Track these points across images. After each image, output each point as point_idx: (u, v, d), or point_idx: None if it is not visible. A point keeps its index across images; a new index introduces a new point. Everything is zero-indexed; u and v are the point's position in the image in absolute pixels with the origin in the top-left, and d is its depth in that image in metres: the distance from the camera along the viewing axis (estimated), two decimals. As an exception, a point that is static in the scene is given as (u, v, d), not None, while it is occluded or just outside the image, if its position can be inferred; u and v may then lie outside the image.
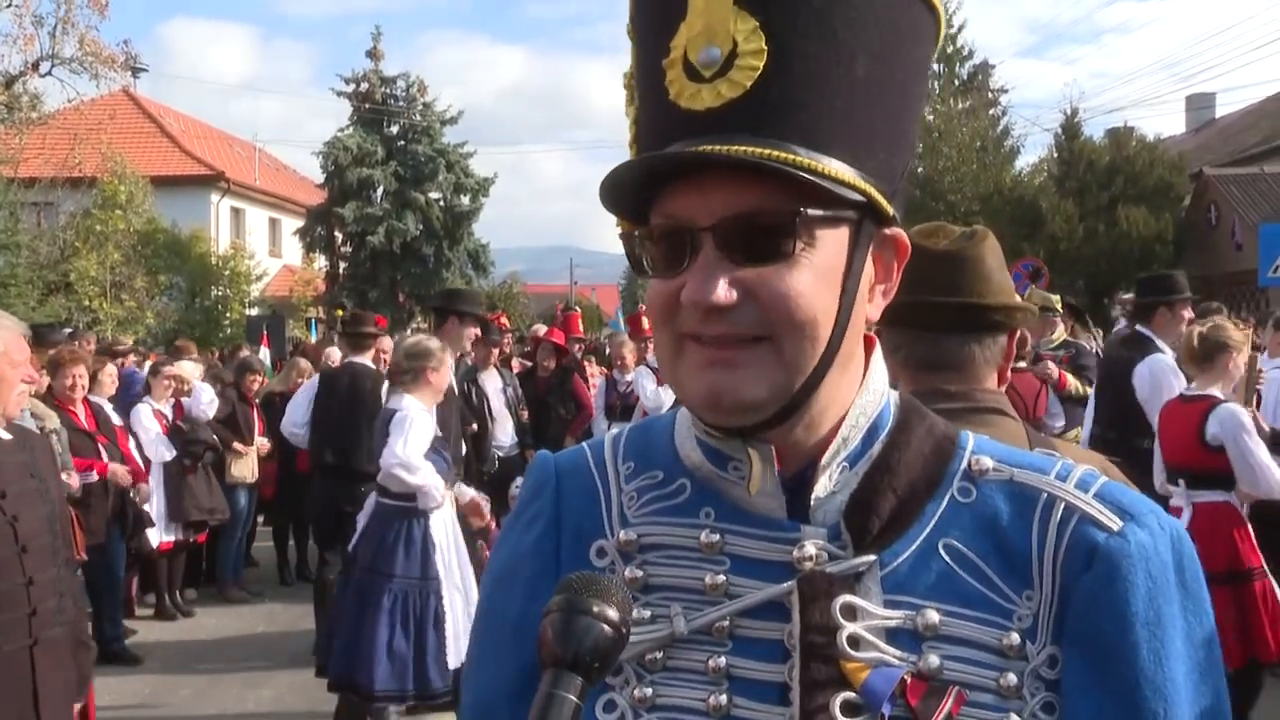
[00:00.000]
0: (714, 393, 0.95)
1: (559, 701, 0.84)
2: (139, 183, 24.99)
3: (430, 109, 33.23)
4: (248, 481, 9.31)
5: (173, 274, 26.26)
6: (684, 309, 0.95)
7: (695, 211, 0.94)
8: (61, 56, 23.23)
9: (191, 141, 34.74)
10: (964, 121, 27.97)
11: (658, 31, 0.98)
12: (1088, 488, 0.99)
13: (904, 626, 0.96)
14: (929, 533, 0.99)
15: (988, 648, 0.95)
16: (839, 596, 0.96)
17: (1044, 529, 0.98)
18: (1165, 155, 24.44)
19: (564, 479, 1.12)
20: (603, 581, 0.90)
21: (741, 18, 0.93)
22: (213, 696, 6.93)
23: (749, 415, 0.96)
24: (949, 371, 2.01)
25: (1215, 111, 34.70)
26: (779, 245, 0.93)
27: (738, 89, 0.93)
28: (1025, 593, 0.97)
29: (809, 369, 0.96)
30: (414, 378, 5.48)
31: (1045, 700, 0.95)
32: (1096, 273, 22.73)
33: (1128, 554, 0.95)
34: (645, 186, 0.98)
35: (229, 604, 9.18)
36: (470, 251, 33.15)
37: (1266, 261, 14.19)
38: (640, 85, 1.03)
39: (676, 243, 0.96)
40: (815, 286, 0.95)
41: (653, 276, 0.99)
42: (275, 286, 32.53)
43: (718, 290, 0.92)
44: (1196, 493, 5.05)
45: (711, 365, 0.95)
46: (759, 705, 0.97)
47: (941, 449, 1.04)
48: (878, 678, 0.94)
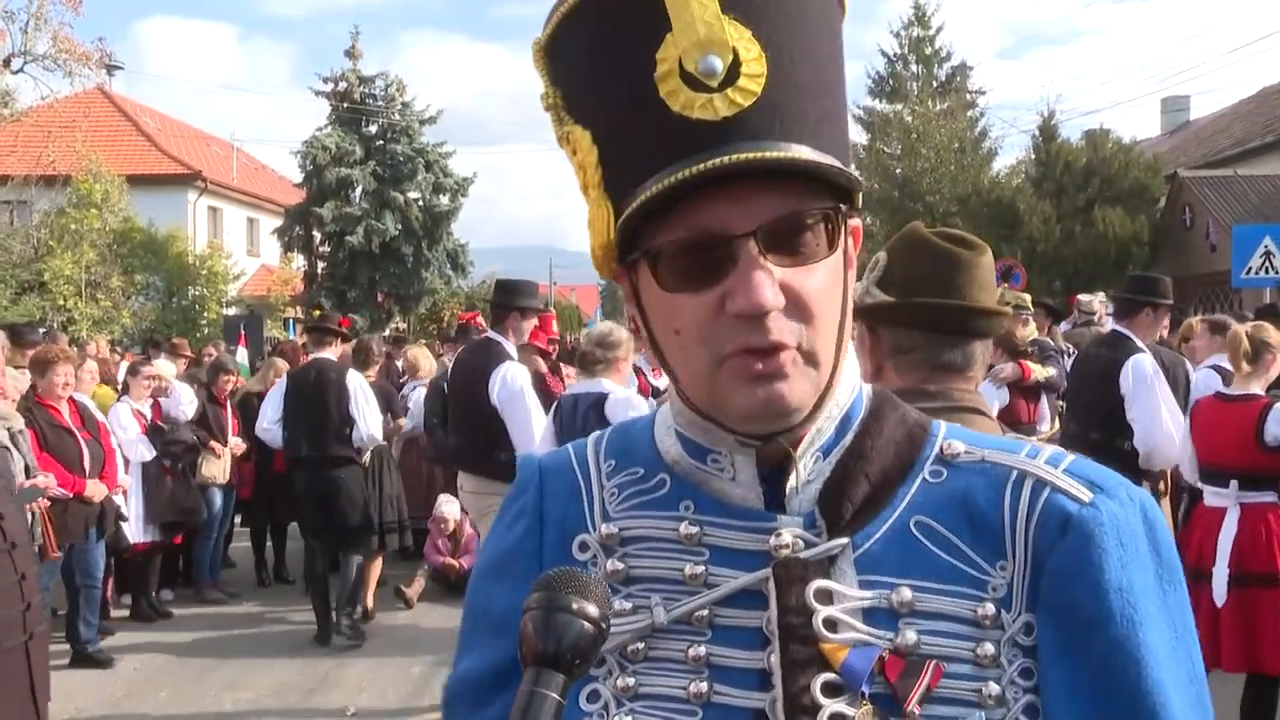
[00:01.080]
0: (763, 403, 0.95)
1: (540, 699, 0.85)
2: (115, 181, 24.80)
3: (409, 108, 33.14)
4: (218, 482, 9.25)
5: (149, 273, 26.10)
6: (726, 320, 0.94)
7: (731, 220, 0.94)
8: (34, 53, 23.06)
9: (168, 140, 34.51)
10: (942, 123, 28.15)
11: (635, 47, 0.95)
12: (1058, 464, 1.01)
13: (879, 605, 0.98)
14: (900, 513, 1.01)
15: (963, 619, 0.97)
16: (813, 580, 0.98)
17: (1015, 501, 0.99)
18: (1141, 157, 24.65)
19: (547, 477, 1.14)
20: (581, 577, 0.91)
21: (735, 26, 0.93)
22: (190, 698, 6.88)
23: (791, 419, 0.98)
24: (959, 373, 2.06)
25: (1190, 114, 35.02)
26: (816, 245, 0.96)
27: (750, 97, 0.93)
28: (999, 563, 0.98)
29: (833, 364, 0.98)
30: (607, 365, 5.77)
31: (1023, 666, 0.97)
32: (1073, 273, 22.91)
33: (1100, 523, 0.97)
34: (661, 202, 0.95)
35: (206, 605, 9.13)
36: (449, 251, 33.07)
37: (1240, 263, 14.32)
38: (617, 110, 0.98)
39: (707, 255, 0.95)
40: (831, 283, 0.97)
41: (673, 292, 0.97)
42: (253, 286, 32.37)
43: (768, 294, 0.92)
44: (1246, 494, 5.00)
45: (764, 378, 0.95)
46: (739, 691, 0.99)
47: (914, 436, 1.06)
48: (856, 657, 0.96)
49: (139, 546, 8.47)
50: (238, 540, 10.47)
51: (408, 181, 32.22)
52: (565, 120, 1.03)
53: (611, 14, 0.97)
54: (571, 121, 1.03)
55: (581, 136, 1.01)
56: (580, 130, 1.01)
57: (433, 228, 32.47)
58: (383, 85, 33.24)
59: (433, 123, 33.55)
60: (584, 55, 1.00)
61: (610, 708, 1.01)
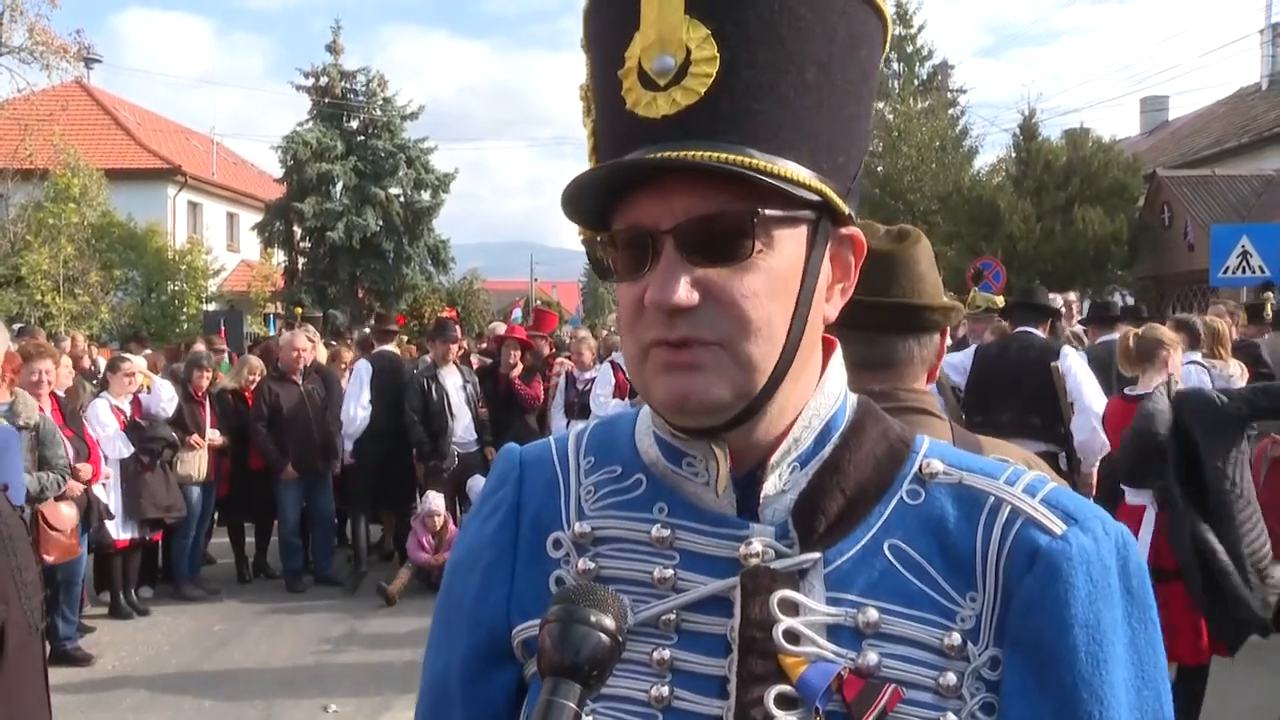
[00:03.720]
0: (679, 395, 0.96)
1: (558, 708, 0.87)
2: (93, 175, 24.59)
3: (390, 104, 33.00)
4: (196, 479, 9.21)
5: (128, 268, 25.88)
6: (648, 312, 0.96)
7: (656, 216, 0.96)
8: (10, 45, 22.80)
9: (147, 134, 34.26)
10: (923, 121, 28.20)
11: (613, 42, 0.99)
12: (1035, 493, 1.00)
13: (844, 623, 0.98)
14: (875, 533, 1.00)
15: (928, 647, 0.96)
16: (780, 591, 0.98)
17: (989, 531, 0.98)
18: (1120, 157, 24.74)
19: (527, 470, 1.14)
20: (599, 592, 0.93)
21: (693, 26, 0.94)
22: (169, 696, 6.85)
23: (713, 417, 0.98)
24: (887, 370, 2.03)
25: (1169, 114, 35.23)
26: (737, 246, 0.95)
27: (692, 96, 0.94)
28: (969, 594, 0.97)
29: (769, 369, 0.97)
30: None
31: (985, 701, 0.95)
32: (1053, 271, 23.00)
33: (1069, 557, 0.95)
34: (607, 195, 1.00)
35: (185, 602, 9.08)
36: (430, 247, 32.98)
37: (1217, 262, 14.43)
38: (597, 96, 1.04)
39: (639, 247, 0.97)
40: (771, 287, 0.96)
41: (618, 282, 1.01)
42: (233, 281, 32.17)
43: (679, 291, 0.94)
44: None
45: (676, 368, 0.96)
46: (699, 697, 0.99)
47: (895, 451, 1.05)
48: (814, 672, 0.96)
49: (119, 544, 8.43)
50: (217, 537, 10.43)
51: (389, 177, 32.11)
52: (587, 112, 1.08)
53: (607, 8, 1.01)
54: (586, 114, 1.08)
55: (588, 116, 1.07)
56: (589, 123, 1.07)
57: (414, 224, 32.37)
58: (364, 80, 33.11)
59: (414, 118, 33.47)
60: (590, 38, 1.05)
61: None
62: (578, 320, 35.06)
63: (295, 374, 9.65)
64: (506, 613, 1.08)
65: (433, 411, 9.44)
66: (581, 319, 37.92)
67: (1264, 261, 14.01)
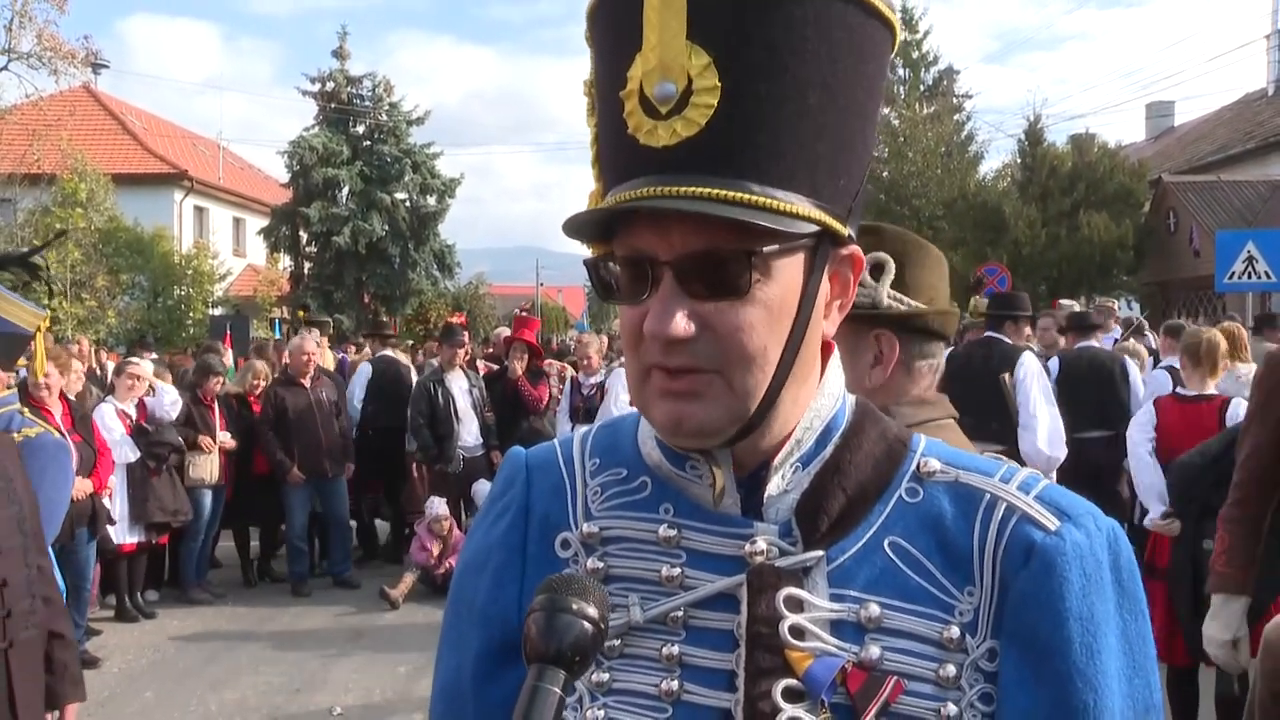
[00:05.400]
0: (675, 420, 0.99)
1: (543, 694, 0.89)
2: (100, 180, 24.66)
3: (396, 109, 33.06)
4: (208, 482, 9.24)
5: (135, 273, 25.93)
6: (646, 340, 0.98)
7: (656, 246, 0.97)
8: (19, 51, 22.90)
9: (154, 139, 34.34)
10: (929, 127, 28.21)
11: (615, 57, 1.00)
12: (1029, 490, 1.03)
13: (847, 619, 1.01)
14: (875, 531, 1.03)
15: (928, 640, 1.00)
16: (785, 588, 1.01)
17: (985, 528, 1.02)
18: (1126, 162, 24.72)
19: (534, 473, 1.16)
20: (582, 581, 0.95)
21: (695, 53, 0.94)
22: (175, 699, 6.87)
23: (708, 439, 1.01)
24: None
25: (1174, 120, 35.22)
26: (734, 282, 0.96)
27: (693, 128, 0.95)
28: (967, 588, 1.01)
29: (761, 394, 0.99)
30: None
31: (983, 691, 0.99)
32: (1058, 277, 23.00)
33: (1063, 552, 0.99)
34: (610, 218, 1.01)
35: (192, 605, 9.10)
36: (436, 252, 33.00)
37: (1223, 268, 14.40)
38: (599, 105, 1.05)
39: (639, 272, 0.99)
40: (768, 317, 0.98)
41: (619, 303, 1.03)
42: (239, 286, 32.22)
43: (676, 324, 0.96)
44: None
45: (672, 395, 0.99)
46: (708, 691, 1.02)
47: (893, 451, 1.08)
48: (819, 666, 0.99)
49: (125, 548, 8.45)
50: (223, 540, 10.45)
51: (395, 182, 32.15)
52: (590, 110, 1.08)
53: (608, 21, 1.02)
54: (589, 112, 1.08)
55: (591, 115, 1.07)
56: (591, 111, 1.08)
57: (419, 228, 32.40)
58: (370, 86, 33.16)
59: (420, 123, 33.48)
60: (593, 42, 1.05)
61: (585, 701, 1.05)
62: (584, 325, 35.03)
63: (304, 378, 9.67)
64: (517, 612, 1.09)
65: (439, 416, 9.47)
66: (588, 323, 37.89)
67: (1270, 267, 13.99)
